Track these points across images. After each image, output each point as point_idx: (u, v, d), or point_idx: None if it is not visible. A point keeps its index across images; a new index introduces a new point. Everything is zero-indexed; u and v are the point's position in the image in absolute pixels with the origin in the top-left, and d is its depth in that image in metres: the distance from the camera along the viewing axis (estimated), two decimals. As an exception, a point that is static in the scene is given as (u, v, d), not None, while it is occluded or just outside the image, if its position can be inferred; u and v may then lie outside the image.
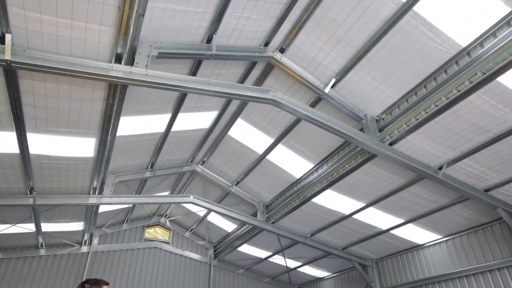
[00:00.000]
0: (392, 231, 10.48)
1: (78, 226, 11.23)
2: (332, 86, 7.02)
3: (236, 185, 11.13)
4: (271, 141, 8.97)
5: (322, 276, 14.93)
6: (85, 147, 7.41)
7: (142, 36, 5.46)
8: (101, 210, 10.78)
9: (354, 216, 10.10)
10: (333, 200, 9.62)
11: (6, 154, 7.01)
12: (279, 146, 9.03)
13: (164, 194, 12.58)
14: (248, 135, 9.20)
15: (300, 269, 14.43)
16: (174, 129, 8.58)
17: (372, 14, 5.70)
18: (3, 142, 6.65)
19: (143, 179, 10.71)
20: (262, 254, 13.95)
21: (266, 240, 12.65)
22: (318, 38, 6.42)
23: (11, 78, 5.31)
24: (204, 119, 8.90)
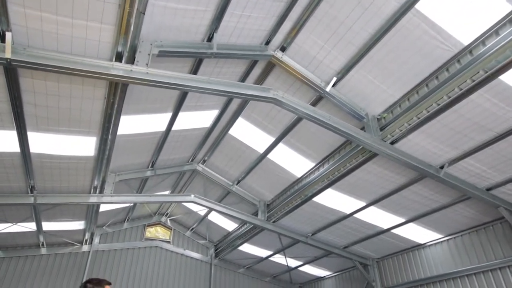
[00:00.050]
0: (393, 230, 10.46)
1: (79, 225, 11.24)
2: (333, 85, 7.00)
3: (237, 184, 11.12)
4: (272, 140, 8.95)
5: (323, 275, 14.92)
6: (86, 146, 7.41)
7: (142, 34, 5.45)
8: (102, 209, 10.77)
9: (355, 215, 10.08)
10: (334, 199, 9.60)
11: (7, 153, 7.01)
12: (280, 145, 9.01)
13: (165, 193, 12.57)
14: (249, 134, 9.19)
15: (301, 268, 14.43)
16: (174, 128, 8.57)
17: (373, 12, 5.68)
18: (4, 141, 6.65)
19: (144, 178, 10.71)
20: (263, 253, 13.94)
21: (267, 239, 12.64)
22: (319, 36, 6.40)
23: (12, 77, 5.31)
24: (205, 118, 8.89)
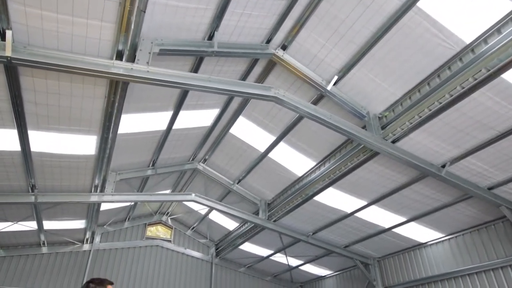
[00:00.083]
0: (394, 230, 10.43)
1: (80, 224, 11.24)
2: (334, 84, 6.97)
3: (237, 183, 11.11)
4: (273, 139, 8.94)
5: (324, 274, 14.90)
6: (86, 145, 7.40)
7: (143, 32, 5.43)
8: (102, 208, 10.76)
9: (356, 214, 10.06)
10: (335, 198, 9.58)
11: (7, 152, 7.00)
12: (281, 144, 9.00)
13: (165, 192, 12.57)
14: (249, 133, 9.17)
15: (302, 267, 14.41)
16: (175, 127, 8.56)
17: (375, 10, 5.65)
18: (4, 139, 6.64)
19: (145, 177, 10.70)
20: (264, 252, 13.93)
21: (268, 238, 12.63)
22: (320, 35, 6.37)
23: (12, 75, 5.30)
24: (205, 117, 8.88)
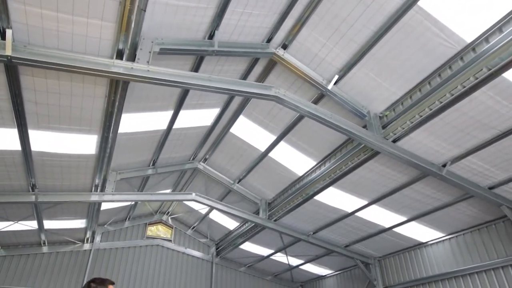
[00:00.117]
0: (395, 229, 10.43)
1: (80, 224, 11.24)
2: (335, 83, 6.96)
3: (238, 182, 11.11)
4: (274, 138, 8.92)
5: (324, 274, 14.90)
6: (87, 144, 7.39)
7: (143, 32, 5.42)
8: (103, 208, 10.76)
9: (357, 213, 10.05)
10: (335, 197, 9.57)
11: (8, 151, 7.00)
12: (282, 144, 8.98)
13: (166, 191, 12.57)
14: (250, 133, 9.16)
15: (302, 267, 14.41)
16: (176, 126, 8.55)
17: (375, 9, 5.63)
18: (5, 139, 6.64)
19: (145, 177, 10.70)
20: (264, 252, 13.93)
21: (268, 237, 12.63)
22: (321, 34, 6.36)
23: (12, 74, 5.29)
24: (206, 116, 8.87)
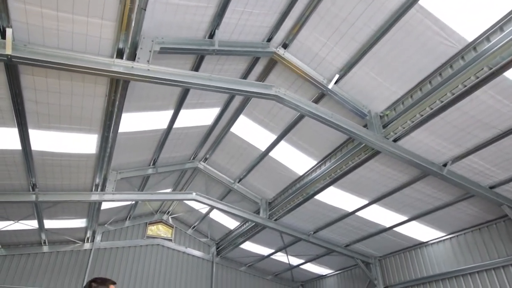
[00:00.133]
0: (395, 229, 10.42)
1: (80, 223, 11.24)
2: (335, 82, 6.95)
3: (238, 182, 11.10)
4: (274, 137, 8.91)
5: (325, 273, 14.90)
6: (87, 144, 7.39)
7: (144, 31, 5.41)
8: (103, 207, 10.76)
9: (357, 213, 10.05)
10: (336, 197, 9.56)
11: (8, 151, 6.99)
12: (282, 143, 8.97)
13: (166, 191, 12.57)
14: (250, 132, 9.15)
15: (302, 266, 14.41)
16: (176, 125, 8.54)
17: (376, 8, 5.62)
18: (5, 138, 6.64)
19: (146, 176, 10.69)
20: (265, 251, 13.92)
21: (269, 237, 12.62)
22: (322, 33, 6.35)
23: (12, 73, 5.28)
24: (206, 116, 8.86)
